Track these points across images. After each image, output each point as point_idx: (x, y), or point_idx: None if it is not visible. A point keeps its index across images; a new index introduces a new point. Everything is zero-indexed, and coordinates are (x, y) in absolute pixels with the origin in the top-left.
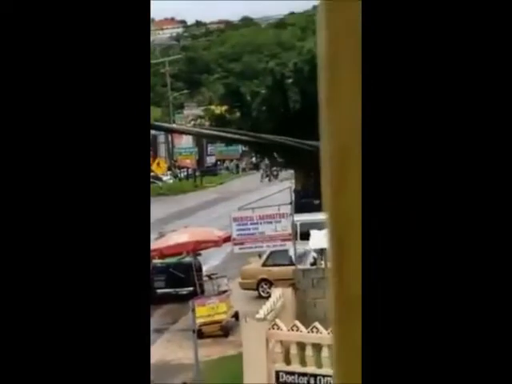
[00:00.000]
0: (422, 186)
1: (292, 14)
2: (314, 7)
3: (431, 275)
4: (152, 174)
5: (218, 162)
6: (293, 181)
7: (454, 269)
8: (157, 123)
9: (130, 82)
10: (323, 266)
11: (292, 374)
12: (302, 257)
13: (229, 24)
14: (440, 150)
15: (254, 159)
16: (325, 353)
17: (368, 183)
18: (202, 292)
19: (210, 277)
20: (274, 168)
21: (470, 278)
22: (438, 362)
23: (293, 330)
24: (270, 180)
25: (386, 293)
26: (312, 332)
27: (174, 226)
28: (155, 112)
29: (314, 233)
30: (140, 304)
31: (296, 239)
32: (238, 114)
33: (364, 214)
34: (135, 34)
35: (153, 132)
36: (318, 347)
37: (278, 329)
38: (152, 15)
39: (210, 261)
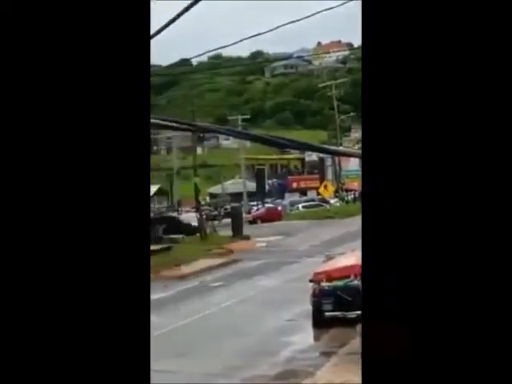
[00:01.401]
0: (422, 187)
1: None
2: None
3: (431, 277)
4: (319, 197)
5: None
6: None
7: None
8: (324, 146)
9: (130, 85)
10: None
11: None
12: None
13: None
14: (448, 153)
15: None
16: None
17: (368, 183)
18: None
19: None
20: None
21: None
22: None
23: None
24: None
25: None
26: None
27: (342, 249)
28: (322, 135)
29: None
30: (140, 308)
31: None
32: None
33: (364, 214)
34: (135, 36)
35: (320, 155)
36: None
37: None
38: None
39: None
